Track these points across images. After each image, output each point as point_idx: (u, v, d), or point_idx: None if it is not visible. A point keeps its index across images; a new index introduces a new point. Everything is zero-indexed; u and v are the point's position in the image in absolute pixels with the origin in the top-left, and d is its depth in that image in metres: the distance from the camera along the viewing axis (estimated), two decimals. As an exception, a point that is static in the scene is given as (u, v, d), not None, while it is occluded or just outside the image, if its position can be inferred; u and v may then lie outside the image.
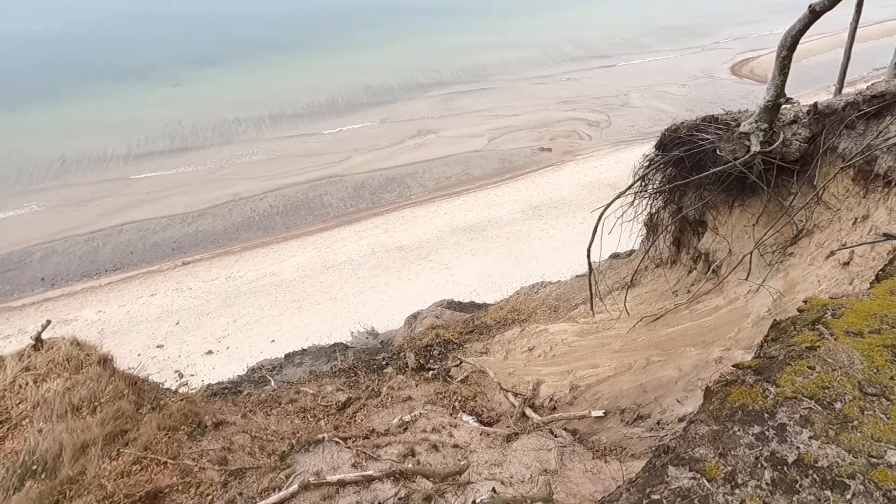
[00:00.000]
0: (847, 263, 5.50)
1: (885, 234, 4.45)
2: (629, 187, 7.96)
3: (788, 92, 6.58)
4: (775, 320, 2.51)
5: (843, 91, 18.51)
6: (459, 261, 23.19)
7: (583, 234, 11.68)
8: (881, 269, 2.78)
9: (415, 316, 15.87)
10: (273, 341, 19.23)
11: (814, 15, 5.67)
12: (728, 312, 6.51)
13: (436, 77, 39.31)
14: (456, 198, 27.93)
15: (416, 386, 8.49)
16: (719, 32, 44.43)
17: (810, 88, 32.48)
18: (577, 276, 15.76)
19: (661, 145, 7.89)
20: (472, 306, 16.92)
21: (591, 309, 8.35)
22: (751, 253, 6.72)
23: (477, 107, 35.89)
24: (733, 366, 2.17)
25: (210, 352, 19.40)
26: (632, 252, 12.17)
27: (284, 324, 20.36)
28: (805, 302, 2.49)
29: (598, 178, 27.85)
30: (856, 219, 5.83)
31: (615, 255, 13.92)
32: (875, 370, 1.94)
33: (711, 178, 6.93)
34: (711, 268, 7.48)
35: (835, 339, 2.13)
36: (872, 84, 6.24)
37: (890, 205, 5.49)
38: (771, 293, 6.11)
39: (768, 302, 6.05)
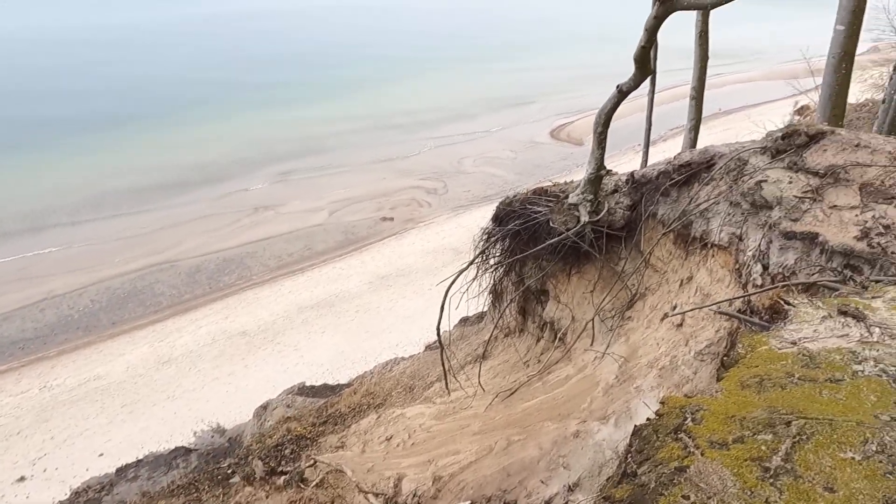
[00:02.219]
0: (680, 325, 5.76)
1: (719, 311, 4.68)
2: (471, 262, 7.97)
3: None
4: (636, 426, 2.36)
5: (649, 150, 20.45)
6: (309, 340, 22.24)
7: (432, 301, 11.52)
8: (725, 354, 2.76)
9: (264, 407, 14.76)
10: (101, 455, 16.97)
11: (622, 94, 6.06)
12: (579, 381, 6.57)
13: (272, 153, 38.50)
14: (300, 274, 27.04)
15: (268, 497, 7.68)
16: (538, 101, 48.08)
17: (619, 149, 35.88)
18: (429, 348, 15.57)
19: (498, 218, 8.02)
20: (326, 389, 16.13)
21: (447, 388, 8.12)
22: (592, 319, 6.90)
23: (316, 180, 35.50)
24: (604, 498, 1.97)
25: (23, 478, 16.70)
26: (482, 315, 12.24)
27: (115, 433, 18.09)
28: (662, 403, 2.37)
29: (442, 243, 28.37)
30: (682, 280, 6.18)
31: (465, 320, 13.96)
32: (750, 493, 1.81)
33: (548, 248, 7.09)
34: (558, 336, 7.59)
35: (702, 454, 1.99)
36: (678, 154, 6.77)
37: (709, 266, 5.87)
38: (616, 359, 6.25)
39: (615, 368, 6.18)
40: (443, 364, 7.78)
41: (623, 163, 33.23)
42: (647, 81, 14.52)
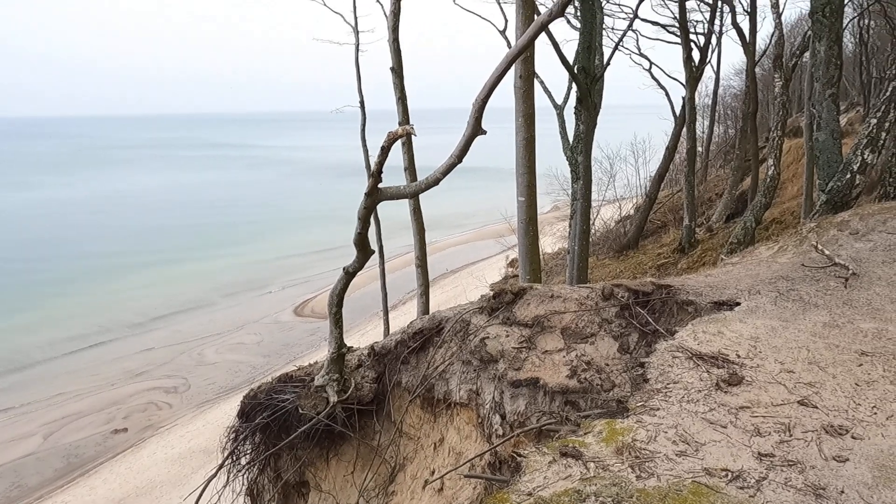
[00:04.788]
0: (441, 489, 5.86)
1: (466, 475, 4.89)
2: (219, 467, 7.33)
3: (347, 320, 7.16)
4: None
5: (390, 315, 21.42)
6: None
7: (182, 521, 10.14)
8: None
9: None
10: None
11: (349, 275, 6.40)
12: (353, 575, 6.17)
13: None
14: (7, 522, 22.05)
15: None
16: (276, 280, 48.11)
17: (364, 316, 37.08)
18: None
19: (244, 414, 7.58)
20: None
21: None
22: (357, 502, 6.68)
23: (21, 402, 30.15)
24: None
25: None
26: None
27: None
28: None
29: (189, 446, 25.60)
30: (435, 444, 6.37)
31: (225, 533, 12.45)
32: None
33: (301, 437, 6.85)
34: (325, 528, 7.16)
35: None
36: (411, 322, 7.24)
37: (456, 424, 6.18)
38: (386, 540, 6.06)
39: (386, 551, 5.96)
40: None
41: (369, 330, 34.18)
42: (377, 255, 15.63)
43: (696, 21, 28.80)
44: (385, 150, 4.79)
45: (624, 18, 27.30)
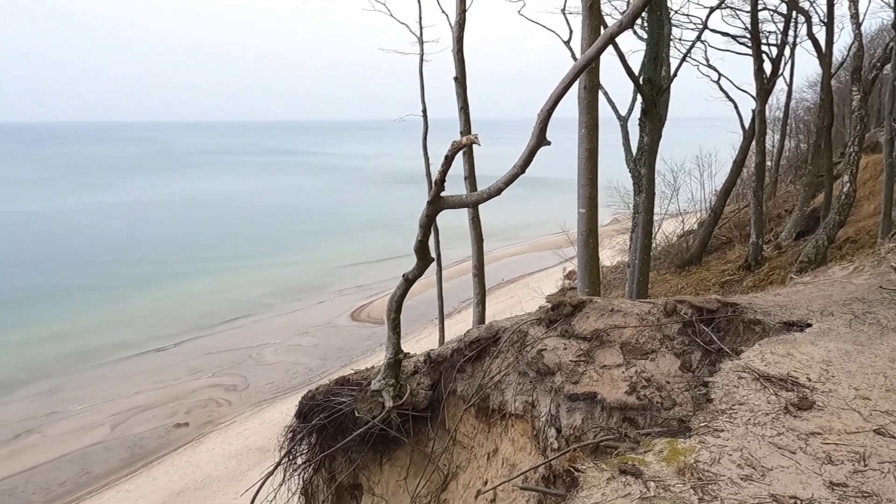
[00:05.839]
0: (493, 501, 5.82)
1: (521, 487, 4.86)
2: (276, 465, 7.50)
3: (402, 326, 7.23)
4: None
5: (445, 323, 21.44)
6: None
7: (237, 517, 10.38)
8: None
9: None
10: None
11: (408, 282, 6.47)
12: (403, 581, 6.20)
13: (35, 369, 33.83)
14: (75, 507, 23.06)
15: None
16: (334, 285, 48.95)
17: (419, 324, 37.27)
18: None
19: (301, 414, 7.74)
20: None
21: None
22: (409, 508, 6.71)
23: (95, 393, 31.57)
24: None
25: None
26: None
27: None
28: None
29: (245, 443, 26.26)
30: (488, 454, 6.35)
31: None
32: None
33: (356, 440, 6.94)
34: (377, 532, 7.22)
35: None
36: (468, 331, 7.25)
37: (511, 436, 6.14)
38: (438, 549, 6.06)
39: (437, 559, 5.96)
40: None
41: (424, 336, 34.34)
42: (434, 263, 15.70)
43: (769, 32, 27.82)
44: (449, 160, 4.83)
45: (692, 29, 26.61)
